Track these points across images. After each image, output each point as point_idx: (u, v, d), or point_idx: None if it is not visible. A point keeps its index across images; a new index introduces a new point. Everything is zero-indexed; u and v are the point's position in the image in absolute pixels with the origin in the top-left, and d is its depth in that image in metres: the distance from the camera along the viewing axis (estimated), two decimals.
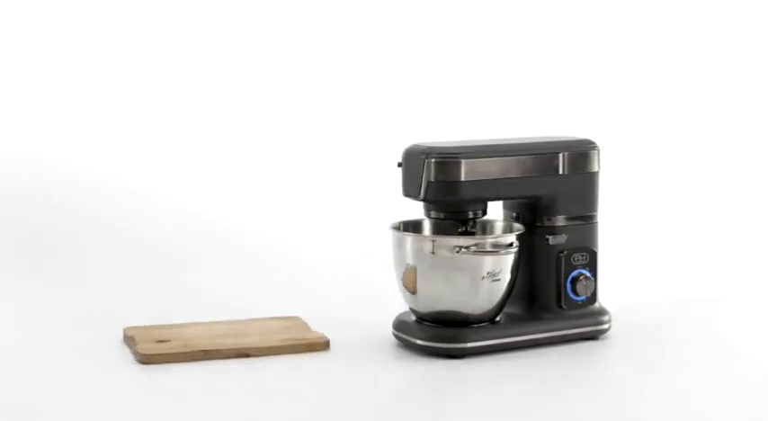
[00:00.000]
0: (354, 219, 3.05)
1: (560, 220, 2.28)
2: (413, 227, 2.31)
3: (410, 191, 2.23)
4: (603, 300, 2.35)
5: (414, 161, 2.20)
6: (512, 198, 2.30)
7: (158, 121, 3.23)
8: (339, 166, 3.25)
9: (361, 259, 2.69)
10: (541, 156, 2.26)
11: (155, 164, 3.18)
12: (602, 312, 2.33)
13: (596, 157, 2.31)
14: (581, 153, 2.29)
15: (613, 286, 2.44)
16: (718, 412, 1.92)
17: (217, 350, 2.18)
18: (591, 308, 2.31)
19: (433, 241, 2.21)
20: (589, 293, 2.30)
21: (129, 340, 2.25)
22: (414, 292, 2.22)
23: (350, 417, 1.90)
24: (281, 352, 2.21)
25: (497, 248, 2.19)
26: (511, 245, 2.20)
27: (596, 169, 2.31)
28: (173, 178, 3.18)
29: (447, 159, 2.18)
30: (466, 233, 2.25)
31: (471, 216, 2.24)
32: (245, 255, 2.94)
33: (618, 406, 1.96)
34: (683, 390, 2.03)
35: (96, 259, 2.87)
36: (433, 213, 2.25)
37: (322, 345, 2.23)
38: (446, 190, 2.19)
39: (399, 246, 2.24)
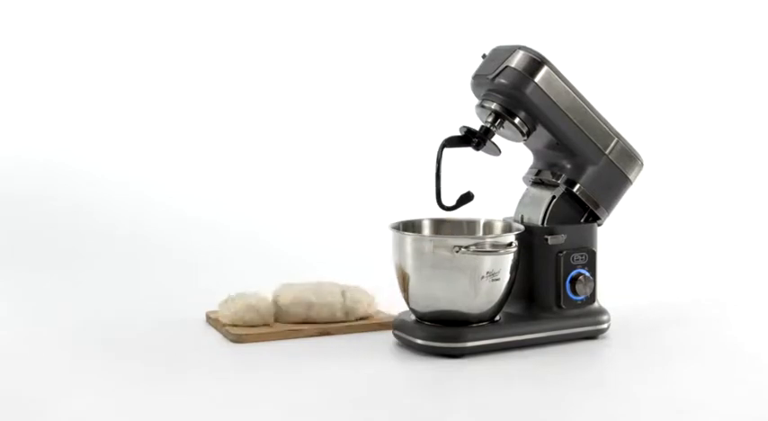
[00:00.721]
0: (354, 218, 3.05)
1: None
2: (412, 227, 2.32)
3: (485, 70, 2.24)
4: (602, 299, 2.35)
5: (505, 49, 2.24)
6: (555, 138, 2.28)
7: (159, 122, 3.23)
8: (339, 167, 3.25)
9: (361, 259, 2.69)
10: (605, 127, 2.28)
11: (155, 164, 3.18)
12: (601, 312, 2.33)
13: (638, 168, 2.33)
14: (630, 154, 2.32)
15: (612, 286, 2.44)
16: (717, 411, 1.93)
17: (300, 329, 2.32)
18: (590, 307, 2.32)
19: (433, 241, 2.22)
20: (588, 293, 2.30)
21: (215, 322, 2.37)
22: (413, 292, 2.23)
23: (350, 416, 1.90)
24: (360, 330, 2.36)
25: (496, 248, 2.19)
26: (510, 244, 2.21)
27: (631, 178, 2.33)
28: (173, 178, 3.18)
29: (536, 58, 2.21)
30: (474, 139, 2.24)
31: (517, 122, 2.23)
32: (246, 254, 2.94)
33: (616, 405, 1.96)
34: (681, 390, 2.03)
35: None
36: (485, 102, 2.24)
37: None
38: (518, 82, 2.20)
39: (399, 245, 2.24)
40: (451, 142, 2.25)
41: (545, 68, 2.22)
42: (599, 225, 2.34)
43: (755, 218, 3.23)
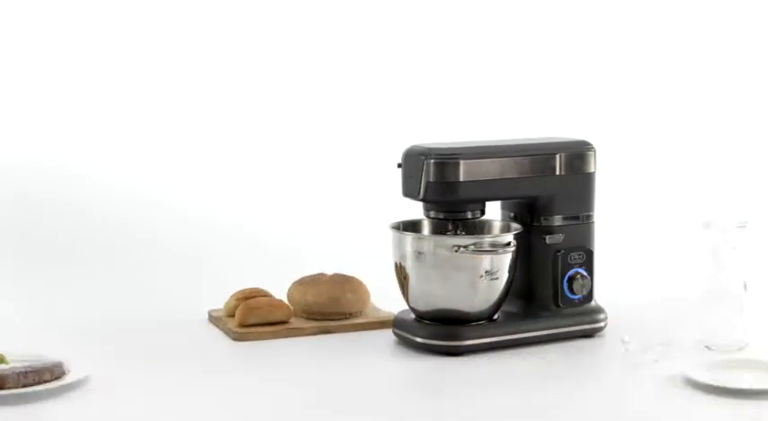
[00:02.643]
0: (354, 218, 3.05)
1: (557, 220, 2.31)
2: (412, 226, 2.33)
3: (410, 191, 2.25)
4: (599, 298, 2.37)
5: (413, 162, 2.23)
6: (510, 198, 2.32)
7: (161, 122, 3.22)
8: (339, 167, 3.24)
9: (361, 258, 2.69)
10: (539, 156, 2.28)
11: (156, 163, 3.17)
12: (598, 310, 2.35)
13: (592, 158, 2.33)
14: (577, 154, 2.31)
15: (609, 285, 2.45)
16: (715, 409, 1.94)
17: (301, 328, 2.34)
18: (587, 306, 2.33)
19: (433, 240, 2.24)
20: (585, 292, 2.32)
21: (217, 321, 2.40)
22: (413, 291, 2.24)
23: (350, 414, 1.91)
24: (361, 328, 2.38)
25: (495, 248, 2.21)
26: (508, 244, 2.22)
27: (593, 170, 2.33)
28: (174, 177, 3.17)
29: (446, 160, 2.20)
30: (456, 234, 2.26)
31: (470, 216, 2.26)
32: (246, 253, 2.94)
33: (614, 403, 1.97)
34: (678, 388, 2.04)
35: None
36: (432, 213, 2.27)
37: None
38: (445, 190, 2.21)
39: (399, 245, 2.26)
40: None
41: (461, 163, 2.20)
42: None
43: (753, 217, 3.22)
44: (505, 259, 2.22)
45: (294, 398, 1.98)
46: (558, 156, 2.29)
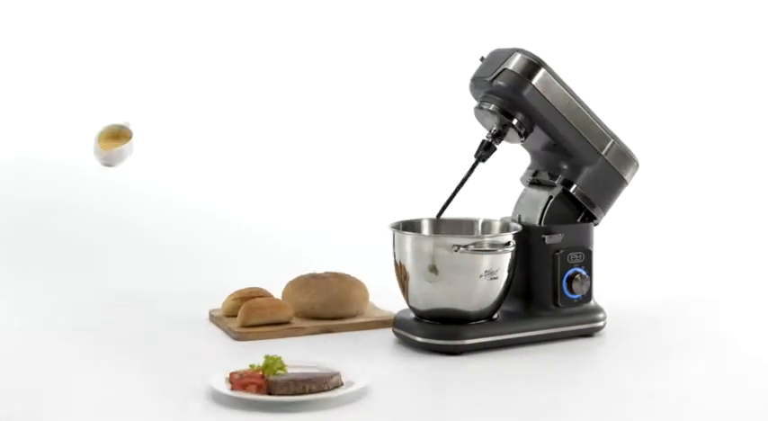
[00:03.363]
0: (354, 218, 3.06)
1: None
2: (412, 226, 2.34)
3: (483, 72, 2.27)
4: (598, 298, 2.37)
5: (501, 52, 2.26)
6: (553, 140, 2.30)
7: (163, 122, 3.23)
8: (339, 167, 3.25)
9: (361, 258, 2.70)
10: (601, 129, 2.30)
11: (158, 163, 3.18)
12: (597, 310, 2.36)
13: (633, 168, 2.35)
14: (626, 154, 2.34)
15: (608, 284, 2.46)
16: (713, 407, 1.95)
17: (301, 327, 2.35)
18: (586, 306, 2.34)
19: (432, 240, 2.24)
20: (584, 291, 2.32)
21: (218, 320, 2.40)
22: (413, 290, 2.25)
23: (350, 412, 1.92)
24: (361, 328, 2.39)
25: (495, 247, 2.21)
26: (508, 244, 2.23)
27: (626, 178, 2.35)
28: (176, 177, 3.18)
29: (533, 61, 2.23)
30: (489, 145, 2.26)
31: (517, 125, 2.25)
32: (246, 253, 2.95)
33: (612, 401, 1.98)
34: (676, 386, 2.05)
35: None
36: (485, 105, 2.26)
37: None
38: (516, 84, 2.22)
39: (399, 244, 2.26)
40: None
41: (542, 71, 2.24)
42: (595, 224, 2.36)
43: (750, 216, 3.24)
44: (505, 259, 2.23)
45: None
46: (612, 142, 2.31)
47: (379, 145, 3.26)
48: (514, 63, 2.24)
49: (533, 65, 2.24)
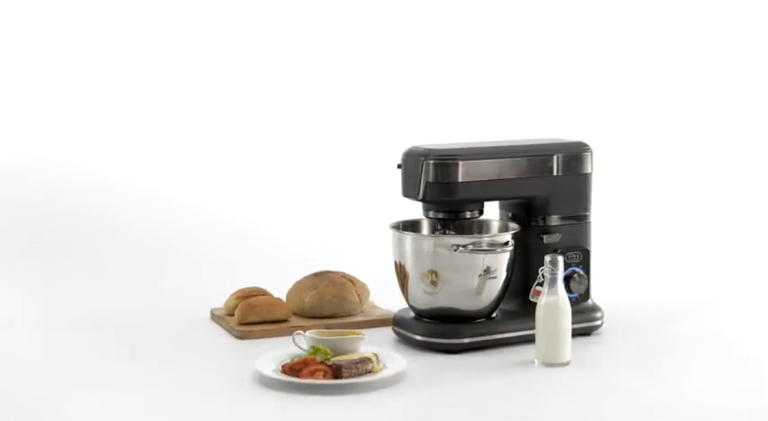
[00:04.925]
0: (354, 218, 3.07)
1: (554, 220, 2.33)
2: (412, 226, 2.36)
3: (409, 191, 2.27)
4: (596, 297, 2.39)
5: (412, 163, 2.25)
6: (508, 198, 2.34)
7: (164, 122, 3.23)
8: (339, 167, 3.25)
9: (361, 257, 2.71)
10: (536, 157, 2.30)
11: (159, 163, 3.19)
12: (595, 309, 2.37)
13: (589, 159, 2.35)
14: (574, 155, 2.33)
15: (606, 284, 2.47)
16: (708, 404, 1.96)
17: (302, 326, 2.34)
18: (584, 304, 2.35)
19: (432, 240, 2.26)
20: (582, 291, 2.34)
21: (220, 319, 2.42)
22: (412, 289, 2.26)
23: (350, 410, 1.93)
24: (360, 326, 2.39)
25: (493, 247, 2.23)
26: (506, 243, 2.25)
27: (589, 170, 2.35)
28: (177, 176, 3.18)
29: (445, 161, 2.22)
30: (445, 234, 2.29)
31: (469, 216, 2.29)
32: (246, 253, 2.96)
33: (610, 399, 1.99)
34: (673, 384, 2.06)
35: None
36: (431, 213, 2.29)
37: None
38: (444, 191, 2.23)
39: (398, 244, 2.28)
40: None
41: (459, 163, 2.23)
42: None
43: (746, 216, 3.23)
44: (503, 258, 2.25)
45: (296, 394, 2.00)
46: (555, 157, 2.31)
47: (380, 145, 3.26)
48: (431, 173, 2.22)
49: (448, 163, 2.22)
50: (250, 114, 3.29)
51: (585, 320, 2.35)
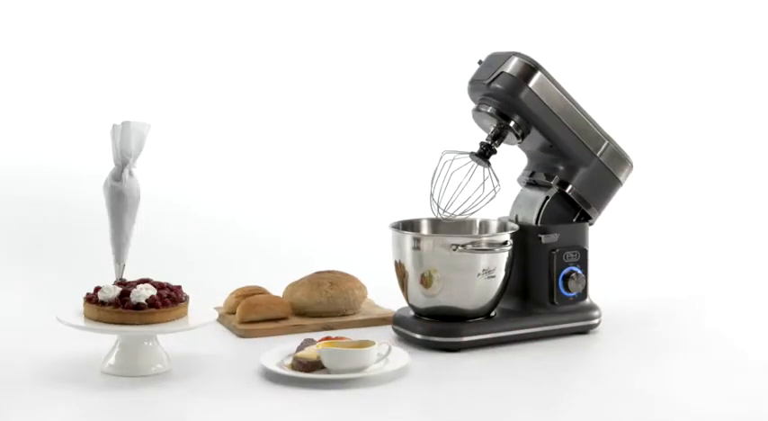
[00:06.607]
0: (354, 218, 3.07)
1: (571, 192, 2.35)
2: (411, 225, 2.37)
3: (481, 74, 2.30)
4: (594, 296, 2.40)
5: (499, 56, 2.29)
6: (550, 139, 2.32)
7: (164, 122, 3.23)
8: (340, 167, 3.25)
9: (361, 257, 2.71)
10: (595, 130, 2.33)
11: (160, 163, 3.19)
12: (593, 308, 2.39)
13: (626, 171, 2.39)
14: (620, 157, 2.37)
15: (603, 283, 2.49)
16: (705, 402, 1.97)
17: (303, 325, 2.39)
18: (582, 303, 2.37)
19: (431, 239, 2.27)
20: (580, 290, 2.35)
21: (221, 318, 2.43)
22: (412, 288, 2.28)
23: (350, 409, 1.95)
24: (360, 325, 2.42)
25: (492, 246, 2.24)
26: (505, 243, 2.26)
27: (621, 179, 2.38)
28: (178, 176, 3.18)
29: (530, 64, 2.27)
30: (484, 153, 2.29)
31: (514, 127, 2.28)
32: (246, 252, 2.97)
33: (607, 397, 2.00)
34: (670, 383, 2.08)
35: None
36: (482, 107, 2.29)
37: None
38: (513, 85, 2.26)
39: (398, 244, 2.29)
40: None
41: (539, 74, 2.27)
42: (590, 224, 2.39)
43: (743, 215, 3.23)
44: (502, 258, 2.26)
45: (296, 393, 2.01)
46: (606, 143, 2.34)
47: (380, 145, 3.26)
48: (512, 66, 2.27)
49: (530, 68, 2.27)
50: (250, 114, 3.28)
51: (583, 319, 2.37)
